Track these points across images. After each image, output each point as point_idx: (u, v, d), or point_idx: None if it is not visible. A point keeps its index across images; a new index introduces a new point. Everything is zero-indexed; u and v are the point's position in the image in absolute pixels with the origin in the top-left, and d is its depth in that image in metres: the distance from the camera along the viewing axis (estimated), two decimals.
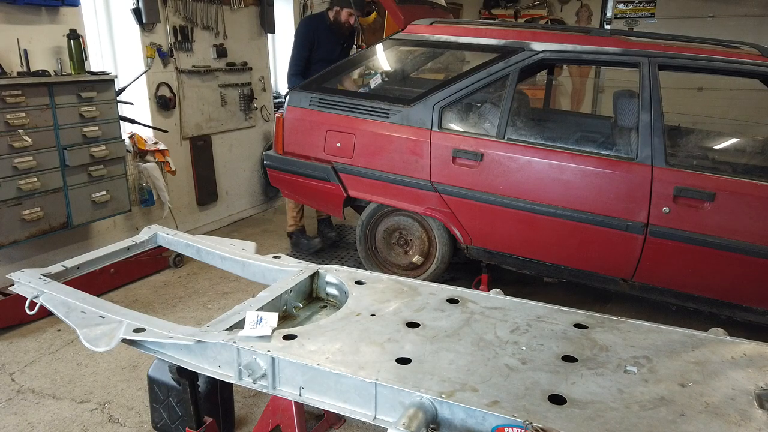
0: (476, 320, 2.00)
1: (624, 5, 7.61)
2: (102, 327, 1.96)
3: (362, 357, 1.75)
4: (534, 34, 3.44)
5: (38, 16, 3.71)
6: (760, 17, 7.11)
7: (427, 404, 1.56)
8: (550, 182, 3.24)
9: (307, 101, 3.82)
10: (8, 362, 3.11)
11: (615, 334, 1.91)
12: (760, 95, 4.18)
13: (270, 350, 1.78)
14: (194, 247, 2.70)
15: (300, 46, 4.46)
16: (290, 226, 4.76)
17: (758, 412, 1.51)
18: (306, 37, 4.45)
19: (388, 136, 3.58)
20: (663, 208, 3.03)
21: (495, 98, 3.52)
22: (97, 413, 2.70)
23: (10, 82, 3.28)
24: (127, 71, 4.50)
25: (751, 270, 2.97)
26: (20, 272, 2.29)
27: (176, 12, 4.71)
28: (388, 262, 3.92)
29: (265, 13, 5.62)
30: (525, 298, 2.19)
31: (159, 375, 2.32)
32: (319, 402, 1.75)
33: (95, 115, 3.73)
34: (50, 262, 2.68)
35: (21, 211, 3.41)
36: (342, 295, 2.29)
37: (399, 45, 3.99)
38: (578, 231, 3.24)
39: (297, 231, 4.74)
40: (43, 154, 3.47)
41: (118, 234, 4.32)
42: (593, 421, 1.47)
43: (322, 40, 4.48)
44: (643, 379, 1.66)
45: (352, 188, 3.76)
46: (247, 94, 5.56)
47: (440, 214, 3.56)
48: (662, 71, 3.15)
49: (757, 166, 3.56)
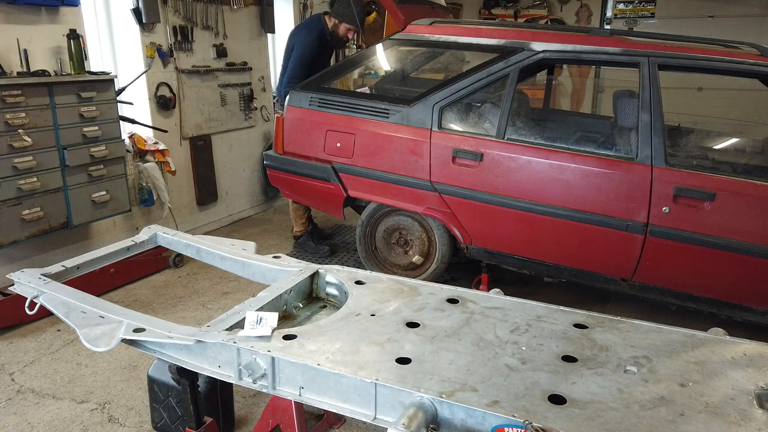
0: (476, 320, 2.00)
1: (624, 5, 7.61)
2: (102, 327, 1.96)
3: (362, 357, 1.75)
4: (534, 34, 3.44)
5: (38, 16, 3.71)
6: (760, 17, 7.11)
7: (427, 404, 1.56)
8: (550, 182, 3.24)
9: (307, 101, 3.82)
10: (8, 362, 3.11)
11: (615, 334, 1.91)
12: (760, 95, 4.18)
13: (270, 350, 1.78)
14: (194, 247, 2.70)
15: (303, 63, 4.30)
16: (298, 231, 4.72)
17: (758, 412, 1.51)
18: (311, 54, 4.31)
19: (388, 136, 3.58)
20: (663, 208, 3.03)
21: (495, 98, 3.52)
22: (97, 413, 2.70)
23: (10, 82, 3.27)
24: (127, 71, 4.49)
25: (751, 270, 2.97)
26: (20, 272, 2.29)
27: (176, 12, 4.71)
28: (388, 262, 3.92)
29: (265, 13, 5.62)
30: (525, 298, 2.19)
31: (159, 375, 2.32)
32: (319, 402, 1.75)
33: (95, 115, 3.73)
34: (50, 262, 2.68)
35: (21, 211, 3.41)
36: (342, 295, 2.29)
37: (399, 45, 3.99)
38: (578, 231, 3.24)
39: (305, 235, 4.71)
40: (43, 154, 3.47)
41: (118, 234, 4.32)
42: (593, 421, 1.47)
43: (321, 56, 4.41)
44: (643, 379, 1.66)
45: (352, 188, 3.76)
46: (247, 94, 5.56)
47: (440, 214, 3.56)
48: (662, 71, 3.15)
49: (757, 166, 3.56)
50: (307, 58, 4.32)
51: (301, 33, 4.43)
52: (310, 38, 4.35)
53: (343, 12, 4.28)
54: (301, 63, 4.31)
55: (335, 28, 4.37)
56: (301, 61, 4.31)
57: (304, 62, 4.31)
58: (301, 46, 4.33)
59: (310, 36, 4.36)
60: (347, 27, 4.35)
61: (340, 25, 4.34)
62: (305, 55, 4.32)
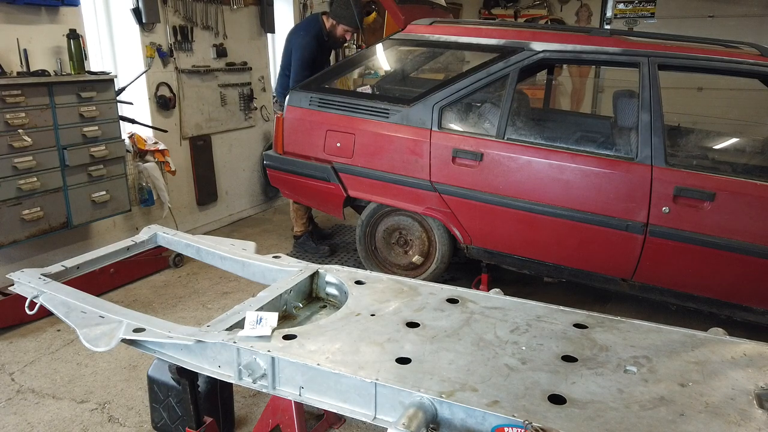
0: (476, 320, 2.00)
1: (624, 5, 7.61)
2: (102, 327, 1.96)
3: (362, 357, 1.75)
4: (534, 34, 3.44)
5: (38, 16, 3.71)
6: (760, 17, 7.11)
7: (427, 404, 1.56)
8: (550, 182, 3.24)
9: (307, 101, 3.82)
10: (8, 362, 3.11)
11: (615, 334, 1.91)
12: (760, 95, 4.18)
13: (270, 350, 1.78)
14: (194, 247, 2.70)
15: (304, 64, 4.28)
16: (298, 230, 4.72)
17: (758, 412, 1.51)
18: (311, 55, 4.31)
19: (388, 136, 3.58)
20: (663, 208, 3.03)
21: (495, 98, 3.52)
22: (97, 413, 2.70)
23: (10, 82, 3.27)
24: (127, 71, 4.49)
25: (751, 270, 2.97)
26: (20, 272, 2.29)
27: (176, 12, 4.71)
28: (388, 262, 3.92)
29: (265, 13, 5.62)
30: (525, 298, 2.19)
31: (159, 375, 2.32)
32: (319, 402, 1.75)
33: (95, 114, 3.73)
34: (50, 262, 2.68)
35: (21, 210, 3.41)
36: (342, 295, 2.29)
37: (399, 45, 3.99)
38: (578, 231, 3.24)
39: (305, 235, 4.72)
40: (42, 153, 3.47)
41: (118, 234, 4.32)
42: (593, 421, 1.47)
43: (320, 56, 4.40)
44: (643, 378, 1.66)
45: (352, 188, 3.76)
46: (247, 94, 5.56)
47: (440, 213, 3.56)
48: (662, 71, 3.15)
49: (757, 166, 3.56)
50: (307, 59, 4.31)
51: (299, 34, 4.42)
52: (307, 39, 4.34)
53: (341, 13, 4.27)
54: (302, 65, 4.31)
55: (333, 28, 4.37)
56: (302, 63, 4.31)
57: (305, 64, 4.31)
58: (300, 47, 4.32)
59: (308, 36, 4.35)
60: (345, 28, 4.34)
61: (338, 26, 4.33)
62: (305, 56, 4.31)
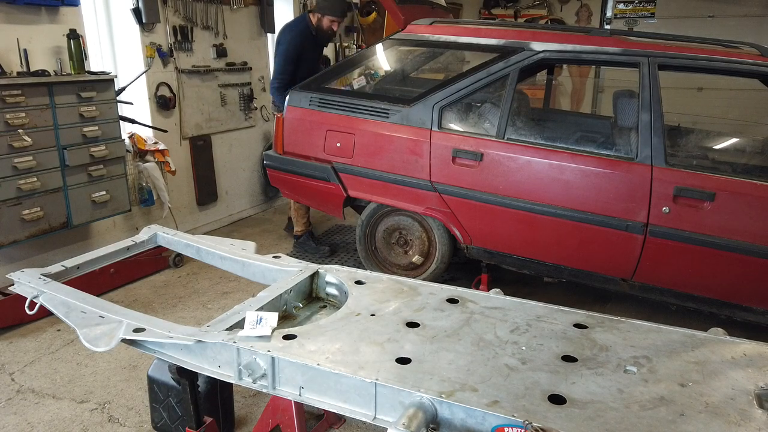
0: (476, 320, 2.00)
1: (624, 5, 7.61)
2: (102, 327, 1.96)
3: (362, 357, 1.75)
4: (534, 34, 3.44)
5: (38, 16, 3.71)
6: (760, 17, 7.11)
7: (427, 404, 1.56)
8: (550, 182, 3.24)
9: (307, 101, 3.82)
10: (8, 362, 3.11)
11: (615, 334, 1.91)
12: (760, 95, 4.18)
13: (270, 350, 1.78)
14: (194, 247, 2.70)
15: (288, 59, 4.36)
16: (298, 230, 4.74)
17: (758, 412, 1.51)
18: (295, 50, 4.35)
19: (388, 136, 3.58)
20: (663, 208, 3.03)
21: (495, 98, 3.52)
22: (97, 413, 2.70)
23: (10, 82, 3.28)
24: (127, 71, 4.49)
25: (751, 270, 2.97)
26: (20, 272, 2.29)
27: (176, 12, 4.71)
28: (388, 262, 3.92)
29: (264, 13, 5.62)
30: (525, 298, 2.19)
31: (159, 375, 2.32)
32: (319, 402, 1.75)
33: (95, 114, 3.73)
34: (50, 262, 2.68)
35: (21, 210, 3.41)
36: (342, 295, 2.29)
37: (399, 45, 3.99)
38: (578, 231, 3.24)
39: (305, 235, 4.73)
40: (42, 153, 3.47)
41: (118, 234, 4.32)
42: (593, 421, 1.47)
43: (307, 52, 4.43)
44: (643, 379, 1.66)
45: (352, 188, 3.76)
46: (247, 94, 5.56)
47: (440, 213, 3.56)
48: (662, 71, 3.15)
49: (757, 166, 3.56)
50: (291, 54, 4.36)
51: (286, 31, 4.50)
52: (293, 34, 4.41)
53: (324, 5, 4.35)
54: (286, 59, 4.37)
55: (319, 22, 4.41)
56: (286, 58, 4.37)
57: (289, 58, 4.37)
58: (285, 42, 4.40)
59: (294, 32, 4.42)
60: (330, 19, 4.38)
61: (324, 18, 4.38)
62: (289, 51, 4.37)
